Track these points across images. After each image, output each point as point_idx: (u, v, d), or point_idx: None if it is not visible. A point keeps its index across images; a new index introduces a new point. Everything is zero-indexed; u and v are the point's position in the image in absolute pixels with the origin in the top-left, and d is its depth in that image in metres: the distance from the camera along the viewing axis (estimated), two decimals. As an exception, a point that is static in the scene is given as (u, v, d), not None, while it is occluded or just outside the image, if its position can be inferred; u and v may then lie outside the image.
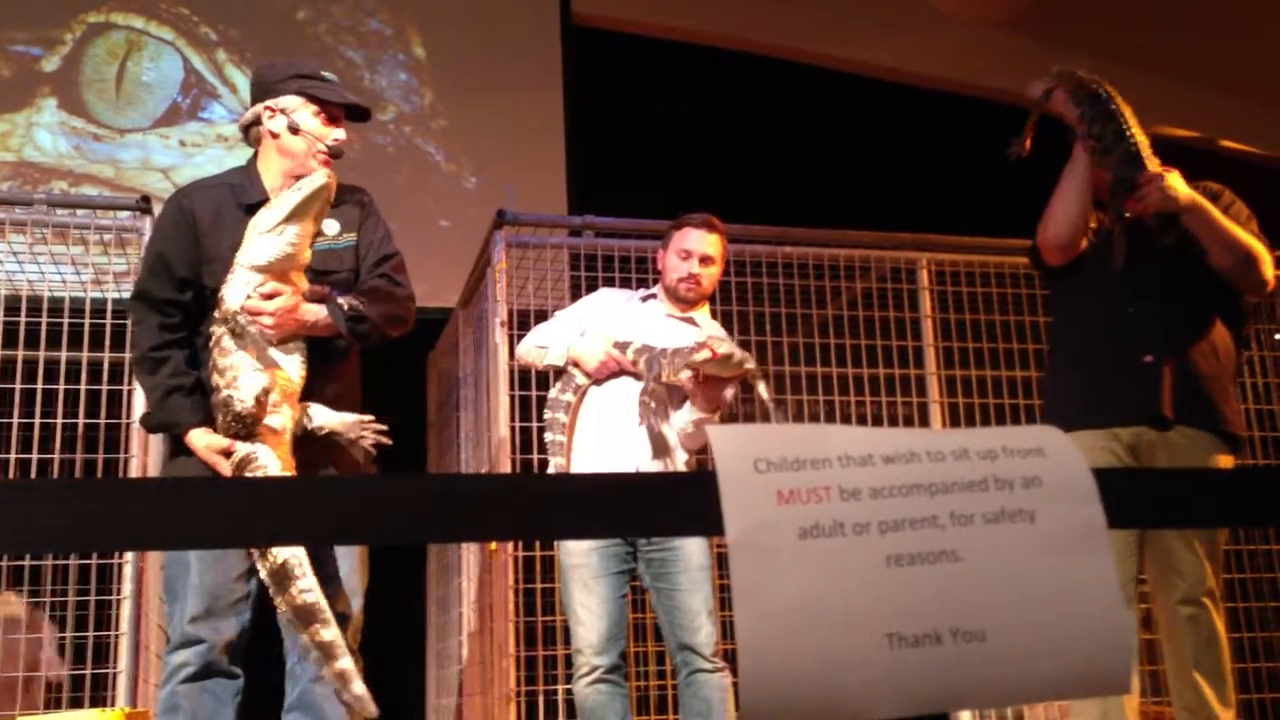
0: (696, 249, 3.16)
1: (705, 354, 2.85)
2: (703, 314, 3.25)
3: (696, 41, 6.60)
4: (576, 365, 3.10)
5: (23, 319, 3.58)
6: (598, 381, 3.08)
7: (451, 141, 6.00)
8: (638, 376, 3.02)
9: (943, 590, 0.74)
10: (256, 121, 2.55)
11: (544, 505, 0.76)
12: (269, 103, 2.52)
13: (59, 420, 3.50)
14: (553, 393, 3.13)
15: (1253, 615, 4.20)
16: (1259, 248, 2.72)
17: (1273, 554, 4.34)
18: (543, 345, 3.17)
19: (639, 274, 3.94)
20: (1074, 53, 6.66)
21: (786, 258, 4.14)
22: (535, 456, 3.73)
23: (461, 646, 4.33)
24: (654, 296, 3.24)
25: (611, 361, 3.04)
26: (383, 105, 5.96)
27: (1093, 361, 2.74)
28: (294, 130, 2.51)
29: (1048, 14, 6.60)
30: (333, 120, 2.55)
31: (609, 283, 3.93)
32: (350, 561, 2.70)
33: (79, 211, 3.79)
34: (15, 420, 3.51)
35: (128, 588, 3.42)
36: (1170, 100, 7.04)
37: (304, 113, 2.52)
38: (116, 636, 3.44)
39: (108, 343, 3.59)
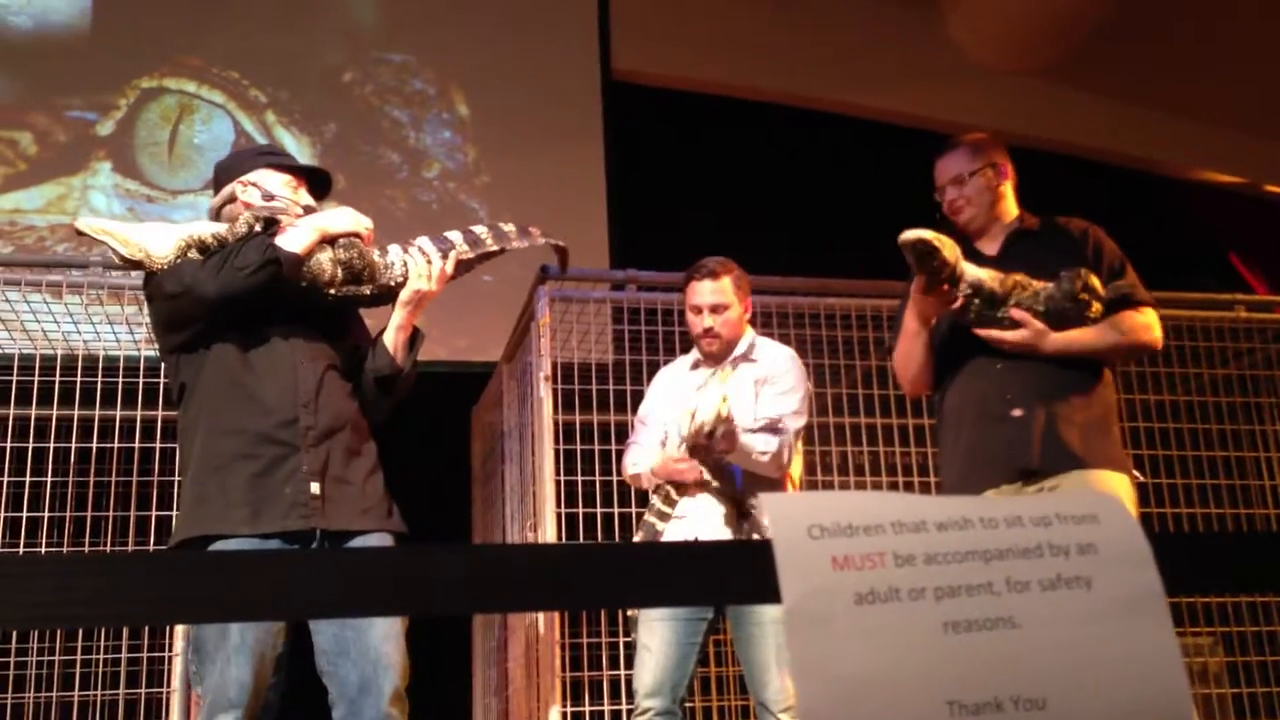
0: (705, 302, 3.15)
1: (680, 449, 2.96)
2: (746, 344, 3.20)
3: (735, 95, 6.65)
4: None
5: (79, 378, 3.66)
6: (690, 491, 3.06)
7: (494, 197, 6.07)
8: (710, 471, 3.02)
9: (1002, 657, 0.74)
10: (230, 200, 2.64)
11: (597, 575, 0.77)
12: (240, 179, 2.64)
13: (113, 478, 3.56)
14: (654, 499, 3.12)
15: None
16: (1131, 324, 2.59)
17: None
18: (636, 472, 3.19)
19: (682, 326, 3.95)
20: (1111, 100, 6.67)
21: (829, 309, 4.14)
22: (580, 510, 3.73)
23: (507, 701, 4.32)
24: (701, 361, 3.23)
25: (679, 474, 3.03)
26: (427, 163, 6.05)
27: (966, 424, 2.64)
28: (269, 197, 2.61)
29: (1086, 63, 6.60)
30: (299, 187, 2.69)
31: (652, 336, 3.95)
32: (382, 628, 2.38)
33: (133, 273, 3.87)
34: (71, 478, 3.58)
35: (179, 645, 3.45)
36: (1212, 145, 7.00)
37: (275, 181, 2.64)
38: (168, 694, 3.47)
39: (160, 400, 3.66)
